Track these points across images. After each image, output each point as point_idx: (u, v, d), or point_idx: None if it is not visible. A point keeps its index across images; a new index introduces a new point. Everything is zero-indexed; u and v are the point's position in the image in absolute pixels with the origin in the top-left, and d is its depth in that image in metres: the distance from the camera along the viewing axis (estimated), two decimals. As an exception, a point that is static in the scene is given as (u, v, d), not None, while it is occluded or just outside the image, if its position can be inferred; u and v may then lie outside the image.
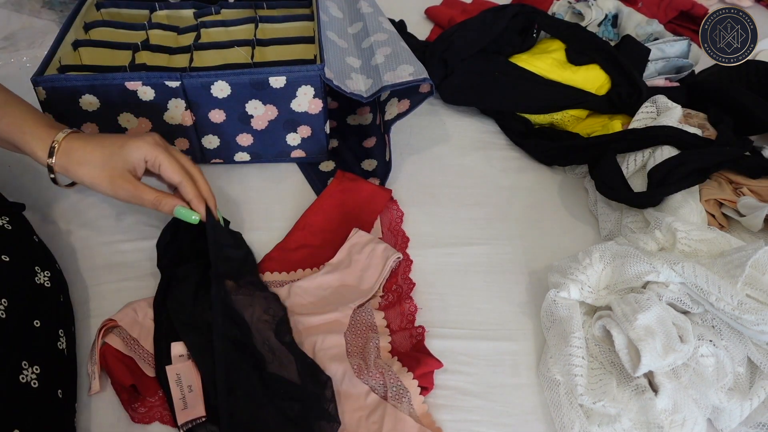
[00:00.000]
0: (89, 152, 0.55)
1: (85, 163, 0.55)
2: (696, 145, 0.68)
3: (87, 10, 0.77)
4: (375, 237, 0.65)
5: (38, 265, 0.55)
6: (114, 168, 0.55)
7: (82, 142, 0.55)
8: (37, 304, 0.52)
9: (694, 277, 0.54)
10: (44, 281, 0.55)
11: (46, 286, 0.55)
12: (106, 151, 0.55)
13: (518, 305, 0.63)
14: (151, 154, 0.57)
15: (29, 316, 0.51)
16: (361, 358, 0.56)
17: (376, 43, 0.75)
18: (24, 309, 0.50)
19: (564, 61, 0.84)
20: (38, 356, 0.49)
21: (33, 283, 0.53)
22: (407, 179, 0.76)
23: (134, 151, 0.56)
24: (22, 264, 0.53)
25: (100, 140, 0.56)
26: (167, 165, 0.57)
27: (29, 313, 0.51)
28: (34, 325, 0.51)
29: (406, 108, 0.72)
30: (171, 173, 0.58)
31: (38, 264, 0.55)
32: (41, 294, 0.54)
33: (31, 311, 0.51)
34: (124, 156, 0.55)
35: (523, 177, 0.78)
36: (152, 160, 0.57)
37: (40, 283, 0.54)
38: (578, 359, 0.53)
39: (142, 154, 0.56)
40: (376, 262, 0.62)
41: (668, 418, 0.50)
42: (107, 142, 0.56)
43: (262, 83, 0.66)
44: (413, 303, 0.61)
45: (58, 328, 0.53)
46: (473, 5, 1.08)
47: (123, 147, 0.56)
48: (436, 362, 0.56)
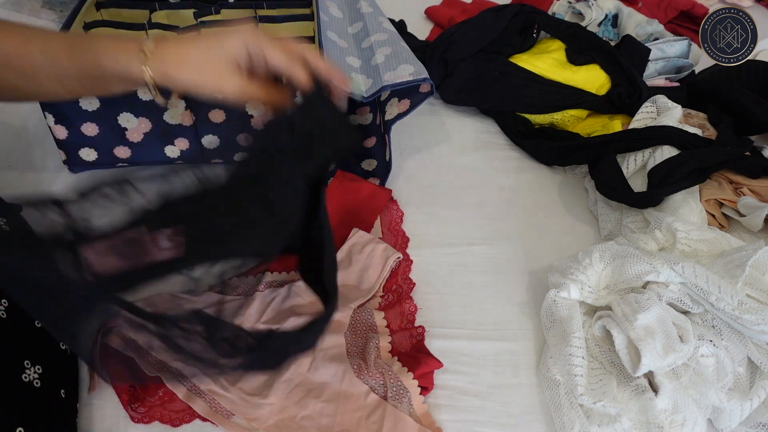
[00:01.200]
0: (185, 54, 0.50)
1: (184, 66, 0.50)
2: (696, 145, 0.68)
3: (87, 10, 0.76)
4: (375, 237, 0.65)
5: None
6: (217, 63, 0.50)
7: (174, 46, 0.50)
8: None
9: (694, 277, 0.54)
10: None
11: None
12: (203, 49, 0.50)
13: (518, 305, 0.63)
14: (252, 42, 0.50)
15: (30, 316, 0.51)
16: (362, 358, 0.56)
17: (376, 43, 0.75)
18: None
19: (564, 61, 0.84)
20: (40, 356, 0.49)
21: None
22: (407, 179, 0.76)
23: (235, 42, 0.50)
24: None
25: (193, 40, 0.51)
26: (272, 51, 0.51)
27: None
28: (35, 324, 0.51)
29: (406, 108, 0.72)
30: (278, 59, 0.51)
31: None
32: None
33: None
34: (225, 50, 0.50)
35: (523, 177, 0.78)
36: (255, 48, 0.51)
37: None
38: (578, 359, 0.53)
39: (243, 43, 0.50)
40: (376, 262, 0.62)
41: (668, 418, 0.50)
42: (201, 40, 0.50)
43: (262, 83, 0.66)
44: (413, 303, 0.61)
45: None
46: (473, 5, 1.08)
47: (221, 41, 0.50)
48: (436, 362, 0.56)
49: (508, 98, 0.82)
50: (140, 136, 0.69)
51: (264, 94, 0.51)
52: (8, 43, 0.50)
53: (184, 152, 0.72)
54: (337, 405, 0.53)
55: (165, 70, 0.49)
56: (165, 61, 0.49)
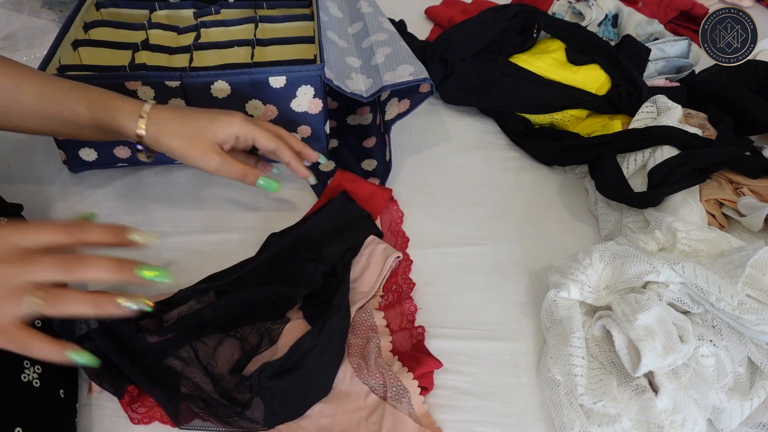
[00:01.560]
0: (179, 124, 0.56)
1: (176, 135, 0.55)
2: (696, 145, 0.68)
3: (87, 9, 0.77)
4: (375, 238, 0.65)
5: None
6: (204, 141, 0.56)
7: (169, 114, 0.56)
8: None
9: (694, 277, 0.54)
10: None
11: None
12: (196, 124, 0.56)
13: (518, 305, 0.63)
14: (243, 131, 0.58)
15: None
16: (362, 357, 0.56)
17: (376, 43, 0.75)
18: None
19: (564, 61, 0.84)
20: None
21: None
22: (407, 179, 0.76)
23: (226, 128, 0.57)
24: None
25: (187, 113, 0.57)
26: (261, 137, 0.59)
27: None
28: (35, 324, 0.51)
29: (406, 108, 0.72)
30: (266, 143, 0.59)
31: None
32: None
33: None
34: (214, 130, 0.56)
35: (523, 177, 0.78)
36: (245, 136, 0.58)
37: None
38: (578, 359, 0.53)
39: (234, 131, 0.57)
40: (375, 262, 0.62)
41: (668, 418, 0.50)
42: (196, 116, 0.57)
43: (262, 83, 0.66)
44: (413, 303, 0.61)
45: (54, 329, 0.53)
46: (473, 5, 1.08)
47: (213, 122, 0.57)
48: (435, 362, 0.55)
49: (508, 98, 0.82)
50: (140, 136, 0.69)
51: (239, 172, 0.58)
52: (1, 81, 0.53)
53: (184, 152, 0.72)
54: (336, 405, 0.53)
55: (157, 135, 0.55)
56: (159, 126, 0.55)
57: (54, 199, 0.69)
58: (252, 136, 0.59)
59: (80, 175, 0.73)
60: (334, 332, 0.54)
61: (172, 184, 0.73)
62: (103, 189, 0.71)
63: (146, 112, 0.55)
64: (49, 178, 0.72)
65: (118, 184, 0.72)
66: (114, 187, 0.72)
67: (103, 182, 0.72)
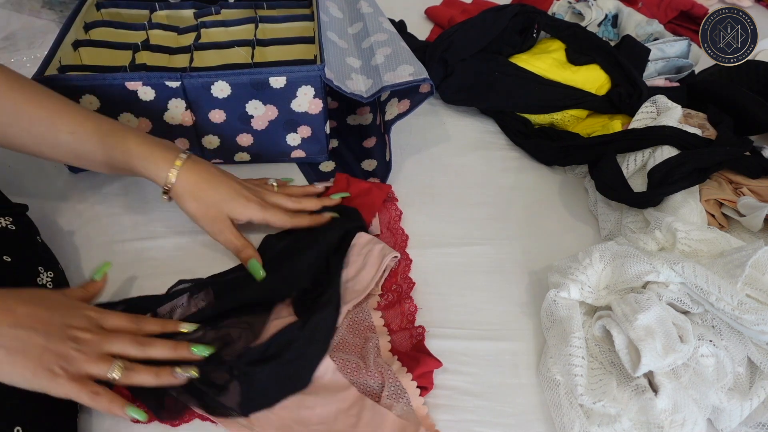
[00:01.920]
0: (203, 191, 0.60)
1: (196, 199, 0.60)
2: (696, 145, 0.68)
3: (87, 10, 0.77)
4: (374, 238, 0.65)
5: (41, 265, 0.55)
6: (219, 212, 0.61)
7: (197, 177, 0.60)
8: None
9: (694, 277, 0.54)
10: (47, 282, 0.55)
11: (48, 286, 0.55)
12: (217, 197, 0.60)
13: (518, 305, 0.63)
14: (257, 218, 0.62)
15: None
16: (360, 357, 0.56)
17: (376, 43, 0.75)
18: None
19: (564, 61, 0.84)
20: None
21: (35, 284, 0.54)
22: (407, 179, 0.76)
23: (242, 210, 0.61)
24: (24, 265, 0.54)
25: (213, 182, 0.60)
26: (276, 221, 0.63)
27: None
28: None
29: (406, 108, 0.72)
30: (281, 225, 0.64)
31: (41, 264, 0.55)
32: None
33: None
34: (231, 207, 0.61)
35: (523, 177, 0.78)
36: (259, 222, 0.62)
37: (42, 284, 0.54)
38: (578, 359, 0.53)
39: (248, 216, 0.62)
40: (371, 262, 0.62)
41: (668, 418, 0.50)
42: (220, 188, 0.61)
43: (262, 83, 0.66)
44: (413, 303, 0.61)
45: None
46: (473, 5, 1.08)
47: (233, 200, 0.61)
48: (435, 362, 0.56)
49: (508, 98, 0.82)
50: (140, 136, 0.69)
51: (236, 247, 0.61)
52: (38, 113, 0.56)
53: (184, 152, 0.72)
54: (316, 397, 0.53)
55: (181, 195, 0.59)
56: (185, 189, 0.59)
57: (54, 199, 0.70)
58: (266, 221, 0.62)
59: (80, 175, 0.73)
60: (319, 327, 0.55)
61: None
62: (103, 189, 0.71)
63: (178, 168, 0.58)
64: (50, 178, 0.72)
65: (118, 184, 0.72)
66: (114, 187, 0.72)
67: (103, 182, 0.72)
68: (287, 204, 0.64)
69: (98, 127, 0.57)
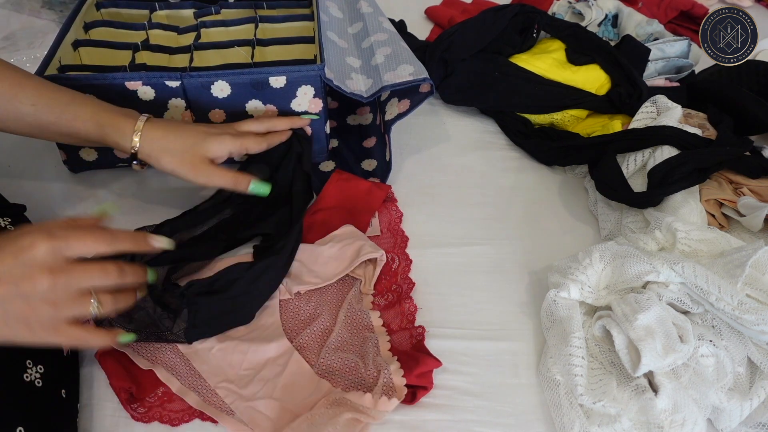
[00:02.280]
0: (171, 141, 0.59)
1: (168, 152, 0.58)
2: (696, 145, 0.68)
3: (87, 10, 0.77)
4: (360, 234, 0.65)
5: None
6: (195, 156, 0.59)
7: (162, 131, 0.59)
8: None
9: (694, 277, 0.54)
10: None
11: None
12: (188, 141, 0.59)
13: (518, 305, 0.63)
14: (236, 148, 0.61)
15: None
16: (360, 356, 0.56)
17: (376, 43, 0.75)
18: None
19: (564, 61, 0.84)
20: (42, 356, 0.49)
21: None
22: (407, 179, 0.76)
23: (218, 146, 0.60)
24: None
25: (180, 131, 0.60)
26: (253, 146, 0.63)
27: None
28: None
29: (406, 108, 0.72)
30: (259, 148, 0.63)
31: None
32: None
33: None
34: (206, 147, 0.59)
35: (523, 177, 0.78)
36: (238, 151, 0.62)
37: None
38: (578, 359, 0.53)
39: (227, 149, 0.61)
40: (345, 257, 0.62)
41: (668, 418, 0.50)
42: (187, 134, 0.60)
43: (262, 83, 0.66)
44: (413, 303, 0.61)
45: None
46: (473, 5, 1.08)
47: (206, 140, 0.60)
48: (435, 361, 0.55)
49: (508, 98, 0.82)
50: (140, 136, 0.69)
51: (230, 181, 0.61)
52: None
53: (184, 152, 0.72)
54: (250, 344, 0.56)
55: (149, 152, 0.58)
56: (152, 143, 0.58)
57: (54, 200, 0.69)
58: (244, 148, 0.62)
59: (80, 175, 0.73)
60: (266, 270, 0.58)
61: (172, 184, 0.73)
62: (103, 189, 0.71)
63: (139, 129, 0.58)
64: (50, 178, 0.72)
65: (118, 184, 0.72)
66: (114, 187, 0.72)
67: (103, 182, 0.72)
68: (258, 127, 0.65)
69: (58, 98, 0.57)
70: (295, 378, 0.54)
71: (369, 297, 0.62)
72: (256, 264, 0.58)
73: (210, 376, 0.54)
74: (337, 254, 0.63)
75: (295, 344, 0.57)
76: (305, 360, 0.56)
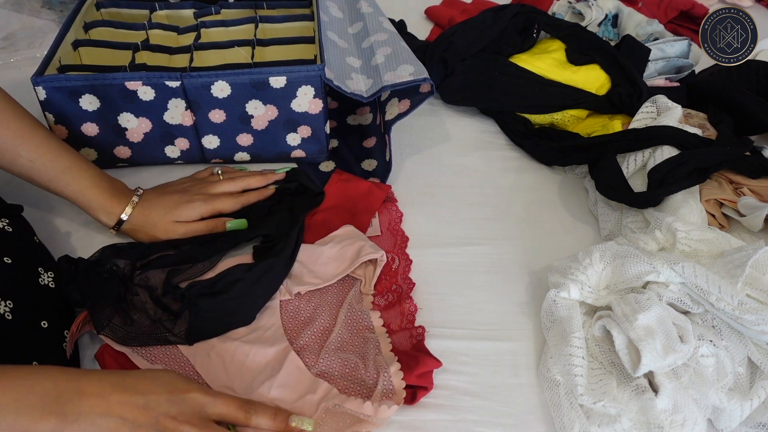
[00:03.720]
0: (149, 217, 0.62)
1: (144, 229, 0.62)
2: (696, 145, 0.68)
3: (87, 10, 0.77)
4: (360, 235, 0.65)
5: (41, 266, 0.55)
6: (167, 223, 0.62)
7: (144, 213, 0.62)
8: (44, 305, 0.53)
9: (694, 277, 0.54)
10: (48, 282, 0.55)
11: (51, 286, 0.55)
12: (161, 212, 0.62)
13: (518, 305, 0.63)
14: (207, 212, 0.64)
15: (36, 317, 0.51)
16: (360, 356, 0.56)
17: (377, 43, 0.75)
18: (30, 310, 0.51)
19: (564, 61, 0.84)
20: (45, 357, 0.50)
21: (37, 284, 0.54)
22: (407, 179, 0.76)
23: (189, 212, 0.63)
24: (25, 265, 0.54)
25: (157, 206, 0.63)
26: (224, 207, 0.65)
27: (36, 314, 0.51)
28: (41, 326, 0.51)
29: (406, 108, 0.72)
30: (231, 208, 0.66)
31: (41, 265, 0.55)
32: (46, 294, 0.54)
33: (37, 312, 0.51)
34: (178, 214, 0.63)
35: (523, 177, 0.78)
36: (210, 213, 0.64)
37: (44, 284, 0.54)
38: (578, 359, 0.53)
39: (198, 213, 0.64)
40: (345, 257, 0.62)
41: (668, 418, 0.50)
42: (161, 206, 0.63)
43: (262, 83, 0.66)
44: (413, 303, 0.61)
45: (62, 329, 0.53)
46: (473, 5, 1.08)
47: (177, 209, 0.63)
48: (435, 362, 0.55)
49: (508, 98, 0.82)
50: (140, 136, 0.69)
51: (208, 229, 0.64)
52: (3, 133, 0.57)
53: (184, 152, 0.72)
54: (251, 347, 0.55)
55: (128, 230, 0.62)
56: (132, 224, 0.62)
57: (51, 201, 0.69)
58: (216, 210, 0.65)
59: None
60: (267, 272, 0.59)
61: (172, 184, 0.72)
62: (103, 189, 0.71)
63: (128, 214, 0.61)
64: (50, 178, 0.72)
65: (118, 184, 0.72)
66: (114, 187, 0.72)
67: (103, 182, 0.72)
68: (233, 187, 0.67)
69: (56, 162, 0.59)
70: (291, 378, 0.54)
71: (369, 297, 0.62)
72: (256, 265, 0.58)
73: (210, 376, 0.54)
74: (338, 255, 0.63)
75: (295, 345, 0.57)
76: (303, 360, 0.56)
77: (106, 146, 0.70)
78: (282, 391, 0.53)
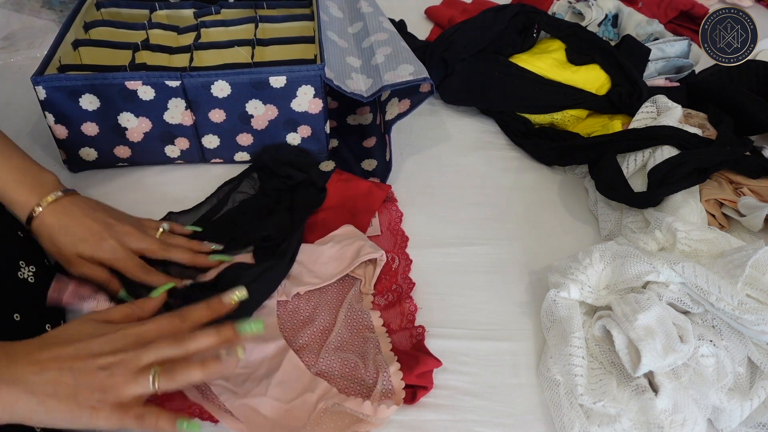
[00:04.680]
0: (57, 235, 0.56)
1: (50, 245, 0.56)
2: (696, 145, 0.68)
3: (87, 9, 0.77)
4: (360, 234, 0.65)
5: (22, 259, 0.55)
6: (71, 254, 0.56)
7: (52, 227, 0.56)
8: (19, 298, 0.53)
9: (694, 277, 0.54)
10: (28, 276, 0.55)
11: (30, 280, 0.55)
12: (68, 241, 0.56)
13: (518, 305, 0.63)
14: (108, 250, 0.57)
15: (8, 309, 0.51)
16: (360, 356, 0.56)
17: (377, 43, 0.75)
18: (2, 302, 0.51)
19: (564, 61, 0.84)
20: None
21: (15, 277, 0.54)
22: (407, 179, 0.76)
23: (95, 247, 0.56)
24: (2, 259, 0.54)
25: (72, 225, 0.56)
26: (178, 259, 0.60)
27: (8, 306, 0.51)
28: (14, 318, 0.51)
29: (406, 108, 0.72)
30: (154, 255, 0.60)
31: (22, 259, 0.55)
32: (23, 288, 0.54)
33: (10, 305, 0.51)
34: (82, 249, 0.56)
35: (523, 177, 0.78)
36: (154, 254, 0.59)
37: (23, 278, 0.54)
38: (578, 359, 0.53)
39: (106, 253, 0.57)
40: (345, 257, 0.62)
41: (668, 418, 0.50)
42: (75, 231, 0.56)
43: (262, 83, 0.66)
44: (413, 303, 0.61)
45: (43, 323, 0.54)
46: (473, 5, 1.08)
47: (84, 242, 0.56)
48: (435, 361, 0.55)
49: (508, 98, 0.82)
50: (140, 135, 0.69)
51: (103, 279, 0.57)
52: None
53: (184, 152, 0.72)
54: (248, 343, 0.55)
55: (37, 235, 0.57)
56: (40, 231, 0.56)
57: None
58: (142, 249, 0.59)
59: (80, 174, 0.73)
60: (267, 272, 0.58)
61: (172, 184, 0.73)
62: (103, 189, 0.71)
63: (36, 214, 0.56)
64: (49, 177, 0.72)
65: (118, 184, 0.72)
66: (114, 187, 0.72)
67: (103, 182, 0.72)
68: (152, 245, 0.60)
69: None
70: (289, 376, 0.54)
71: (369, 297, 0.62)
72: (257, 266, 0.58)
73: None
74: (337, 254, 0.63)
75: (295, 344, 0.57)
76: (303, 360, 0.56)
77: (106, 146, 0.70)
78: (280, 389, 0.53)
